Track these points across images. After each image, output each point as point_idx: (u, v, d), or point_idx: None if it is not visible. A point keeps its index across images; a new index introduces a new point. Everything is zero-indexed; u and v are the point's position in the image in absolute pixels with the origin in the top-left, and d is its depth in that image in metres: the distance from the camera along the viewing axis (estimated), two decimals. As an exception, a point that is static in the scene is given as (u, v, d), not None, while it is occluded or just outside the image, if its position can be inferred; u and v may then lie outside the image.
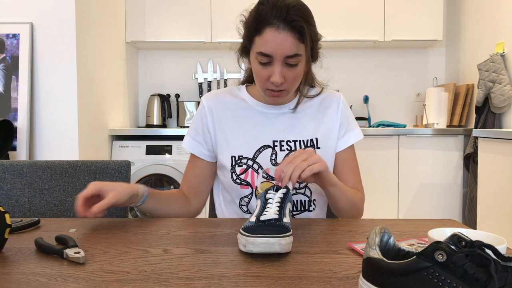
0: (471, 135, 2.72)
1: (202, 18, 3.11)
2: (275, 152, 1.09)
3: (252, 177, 1.07)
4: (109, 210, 1.22)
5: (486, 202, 2.26)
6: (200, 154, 1.14)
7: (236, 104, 1.14)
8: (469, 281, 0.44)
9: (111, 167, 1.24)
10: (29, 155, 2.24)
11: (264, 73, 1.00)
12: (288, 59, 0.97)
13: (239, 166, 1.08)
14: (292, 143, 1.10)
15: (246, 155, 1.08)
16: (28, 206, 1.22)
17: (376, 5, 3.11)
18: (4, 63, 2.23)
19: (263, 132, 1.10)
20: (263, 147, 1.09)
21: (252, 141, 1.09)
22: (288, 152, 1.09)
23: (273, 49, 0.96)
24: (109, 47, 2.81)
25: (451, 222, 0.95)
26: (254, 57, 1.01)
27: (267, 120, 1.11)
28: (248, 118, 1.12)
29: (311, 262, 0.68)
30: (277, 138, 1.10)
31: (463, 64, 3.19)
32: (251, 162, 1.08)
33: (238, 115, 1.12)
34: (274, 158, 1.08)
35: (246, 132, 1.10)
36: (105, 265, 0.66)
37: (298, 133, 1.11)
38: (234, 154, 1.09)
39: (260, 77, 1.01)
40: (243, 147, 1.09)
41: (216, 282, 0.59)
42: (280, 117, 1.12)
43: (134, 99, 3.40)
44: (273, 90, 1.02)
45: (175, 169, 2.80)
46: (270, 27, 0.95)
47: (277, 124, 1.11)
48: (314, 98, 1.15)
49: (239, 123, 1.11)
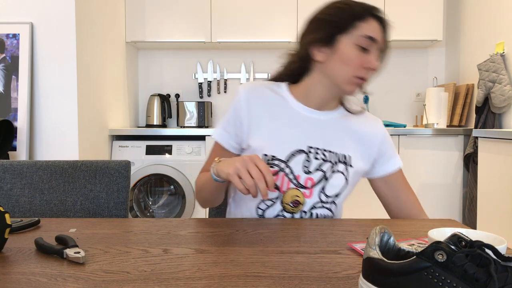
0: (471, 135, 2.72)
1: (202, 18, 3.12)
2: (309, 159, 1.04)
3: (282, 180, 1.03)
4: (109, 210, 1.22)
5: (486, 202, 2.26)
6: (229, 147, 1.10)
7: (275, 101, 1.09)
8: (469, 281, 0.45)
9: (111, 167, 1.24)
10: (29, 155, 2.24)
11: (361, 60, 1.00)
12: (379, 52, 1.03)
13: (270, 167, 1.03)
14: (327, 153, 1.05)
15: (279, 156, 1.04)
16: (28, 206, 1.22)
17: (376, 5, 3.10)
18: (4, 63, 2.23)
19: (299, 135, 1.05)
20: (297, 152, 1.04)
21: (287, 143, 1.05)
22: (323, 162, 1.05)
23: (378, 36, 1.01)
24: (109, 47, 2.81)
25: (451, 222, 0.95)
26: (353, 42, 0.99)
27: (305, 123, 1.07)
28: (286, 118, 1.07)
29: (311, 262, 0.68)
30: (313, 145, 1.05)
31: (463, 64, 3.19)
32: (284, 165, 1.03)
33: (276, 113, 1.07)
34: (307, 165, 1.04)
35: (282, 132, 1.06)
36: (105, 265, 0.66)
37: (335, 144, 1.07)
38: (267, 153, 1.04)
39: (355, 63, 1.00)
40: (277, 148, 1.04)
41: (216, 282, 0.59)
42: (318, 124, 1.07)
43: (134, 99, 3.41)
44: (361, 77, 1.01)
45: (175, 169, 2.80)
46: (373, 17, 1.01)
47: (314, 130, 1.07)
48: (354, 116, 1.12)
49: (276, 121, 1.07)
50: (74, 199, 1.23)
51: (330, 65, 1.02)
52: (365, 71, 1.00)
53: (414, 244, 0.75)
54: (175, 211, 2.96)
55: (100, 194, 1.23)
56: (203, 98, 3.49)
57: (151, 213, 3.03)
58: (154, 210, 3.05)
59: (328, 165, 1.05)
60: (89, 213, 1.22)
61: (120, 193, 1.23)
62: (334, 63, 1.01)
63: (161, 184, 3.07)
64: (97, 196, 1.23)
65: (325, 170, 1.04)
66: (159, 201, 3.09)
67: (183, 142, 2.85)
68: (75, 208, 1.23)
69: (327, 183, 1.04)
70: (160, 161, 2.82)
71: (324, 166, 1.04)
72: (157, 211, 3.05)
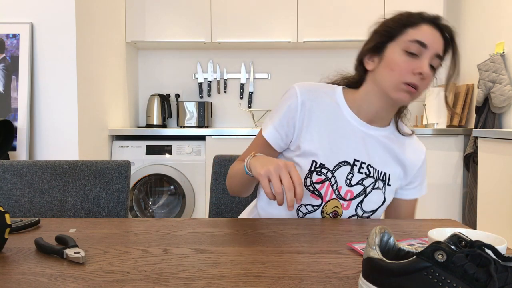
0: (471, 135, 2.72)
1: (202, 18, 3.12)
2: (353, 172, 1.03)
3: (327, 189, 1.02)
4: (109, 210, 1.22)
5: (486, 202, 2.26)
6: (276, 146, 1.08)
7: (330, 107, 1.06)
8: (469, 281, 0.45)
9: (111, 167, 1.24)
10: (29, 155, 2.24)
11: (409, 65, 0.97)
12: (434, 59, 0.98)
13: (317, 175, 1.02)
14: (371, 168, 1.05)
15: (327, 165, 1.02)
16: (28, 206, 1.22)
17: (376, 5, 3.11)
18: (4, 63, 2.23)
19: (348, 147, 1.04)
20: (343, 163, 1.03)
21: (335, 152, 1.03)
22: (365, 176, 1.04)
23: (430, 40, 0.97)
24: (109, 47, 2.81)
25: (451, 222, 0.95)
26: (400, 47, 0.98)
27: (355, 135, 1.05)
28: (337, 126, 1.05)
29: (311, 262, 0.68)
30: (359, 158, 1.04)
31: (463, 64, 3.18)
32: (330, 175, 1.02)
33: (328, 120, 1.05)
34: (350, 178, 1.03)
35: (333, 141, 1.04)
36: (105, 265, 0.66)
37: (378, 162, 1.06)
38: (316, 160, 1.02)
39: (402, 68, 0.97)
40: (326, 156, 1.02)
41: (216, 282, 0.59)
42: (367, 138, 1.06)
43: (134, 99, 3.41)
44: (411, 84, 0.97)
45: (175, 169, 2.80)
46: (427, 23, 0.98)
47: (362, 143, 1.05)
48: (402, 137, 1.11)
49: (328, 128, 1.04)
50: (74, 199, 1.23)
51: (379, 72, 1.01)
52: (414, 76, 0.97)
53: (414, 244, 0.75)
54: (175, 211, 2.96)
55: (100, 194, 1.23)
56: (203, 98, 3.49)
57: (151, 213, 3.03)
58: (154, 210, 3.05)
59: (369, 181, 1.04)
60: (89, 213, 1.22)
61: (120, 193, 1.23)
62: (382, 70, 1.00)
63: (161, 184, 3.07)
64: (97, 196, 1.23)
65: (366, 185, 1.04)
66: (159, 201, 3.09)
67: (183, 142, 2.85)
68: (75, 208, 1.23)
69: (366, 198, 1.04)
70: (160, 161, 2.82)
71: (366, 181, 1.04)
72: (157, 211, 3.05)
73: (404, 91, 0.98)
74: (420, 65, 0.96)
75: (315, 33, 3.09)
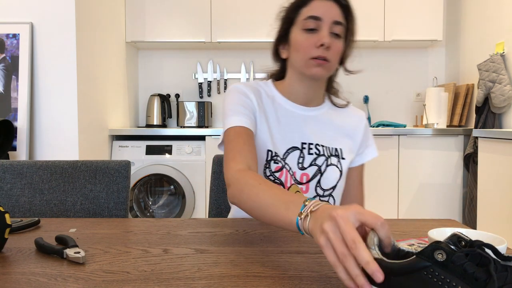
0: (471, 135, 2.72)
1: (202, 18, 3.12)
2: (303, 155, 1.06)
3: (286, 177, 1.04)
4: (109, 210, 1.22)
5: (486, 202, 2.26)
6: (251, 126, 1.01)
7: (268, 100, 1.10)
8: (468, 281, 0.45)
9: (111, 167, 1.24)
10: (29, 155, 2.24)
11: (311, 40, 1.01)
12: (334, 27, 1.01)
13: (275, 163, 1.03)
14: (320, 147, 1.08)
15: (278, 153, 1.05)
16: (28, 206, 1.22)
17: (376, 5, 3.11)
18: (4, 63, 2.23)
19: (293, 132, 1.07)
20: (291, 148, 1.06)
21: (282, 141, 1.06)
22: (316, 156, 1.06)
23: (322, 12, 1.00)
24: (109, 47, 2.81)
25: (451, 222, 0.95)
26: (300, 28, 1.02)
27: (297, 120, 1.09)
28: (279, 115, 1.08)
29: (311, 262, 0.68)
30: (306, 141, 1.07)
31: (463, 64, 3.19)
32: (283, 162, 1.05)
33: (271, 111, 1.08)
34: (302, 161, 1.06)
35: (278, 130, 1.07)
36: (105, 265, 0.66)
37: (326, 139, 1.09)
38: (270, 149, 1.04)
39: (305, 45, 1.01)
40: (278, 145, 1.05)
41: (216, 282, 0.59)
42: (308, 120, 1.10)
43: (134, 99, 3.41)
44: (318, 58, 1.00)
45: (175, 169, 2.80)
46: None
47: (306, 126, 1.09)
48: (340, 109, 1.15)
49: (272, 119, 1.08)
50: (74, 199, 1.23)
51: (291, 57, 1.06)
52: (318, 50, 1.00)
53: (414, 244, 0.75)
54: (175, 211, 2.96)
55: (100, 194, 1.23)
56: (203, 98, 3.49)
57: (151, 213, 3.03)
58: (154, 210, 3.05)
59: (321, 159, 1.07)
60: (89, 213, 1.22)
61: (120, 193, 1.23)
62: (293, 54, 1.05)
63: (161, 184, 3.07)
64: (97, 196, 1.23)
65: (319, 164, 1.06)
66: (159, 201, 3.09)
67: (183, 142, 2.85)
68: (75, 208, 1.23)
69: (322, 177, 1.06)
70: (160, 161, 2.82)
71: (318, 160, 1.07)
72: (157, 211, 3.05)
73: (314, 65, 1.02)
74: (319, 37, 1.00)
75: (315, 33, 3.08)
